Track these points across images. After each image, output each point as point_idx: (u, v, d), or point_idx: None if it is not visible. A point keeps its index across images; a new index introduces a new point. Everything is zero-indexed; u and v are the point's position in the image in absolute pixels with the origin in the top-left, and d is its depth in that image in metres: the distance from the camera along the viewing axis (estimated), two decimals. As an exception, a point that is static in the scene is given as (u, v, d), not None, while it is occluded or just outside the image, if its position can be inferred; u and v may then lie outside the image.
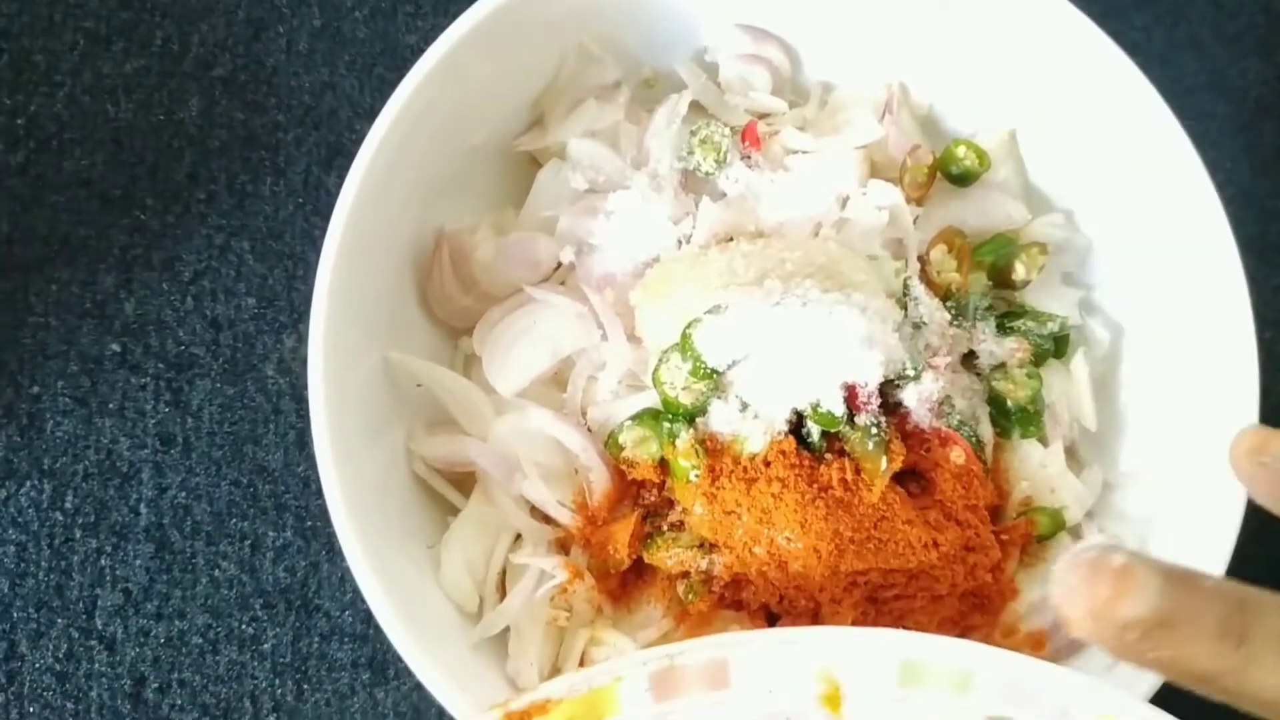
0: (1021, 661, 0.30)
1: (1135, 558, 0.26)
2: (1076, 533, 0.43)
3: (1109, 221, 0.45)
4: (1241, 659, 0.25)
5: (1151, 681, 0.35)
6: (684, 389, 0.38)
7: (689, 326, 0.38)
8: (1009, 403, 0.42)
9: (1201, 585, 0.26)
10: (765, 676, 0.31)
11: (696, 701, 0.30)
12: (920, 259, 0.43)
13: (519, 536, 0.41)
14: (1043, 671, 0.30)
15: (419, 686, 0.46)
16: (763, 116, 0.46)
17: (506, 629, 0.40)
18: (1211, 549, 0.38)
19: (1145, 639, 0.25)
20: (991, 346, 0.42)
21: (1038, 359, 0.43)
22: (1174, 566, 0.26)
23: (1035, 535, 0.41)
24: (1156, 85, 0.41)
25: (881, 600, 0.39)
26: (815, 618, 0.39)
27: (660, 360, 0.39)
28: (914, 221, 0.43)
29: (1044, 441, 0.43)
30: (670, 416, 0.39)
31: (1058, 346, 0.44)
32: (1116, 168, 0.43)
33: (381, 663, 0.46)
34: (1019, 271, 0.44)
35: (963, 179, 0.45)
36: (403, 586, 0.37)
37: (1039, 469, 0.42)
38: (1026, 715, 0.30)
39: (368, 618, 0.47)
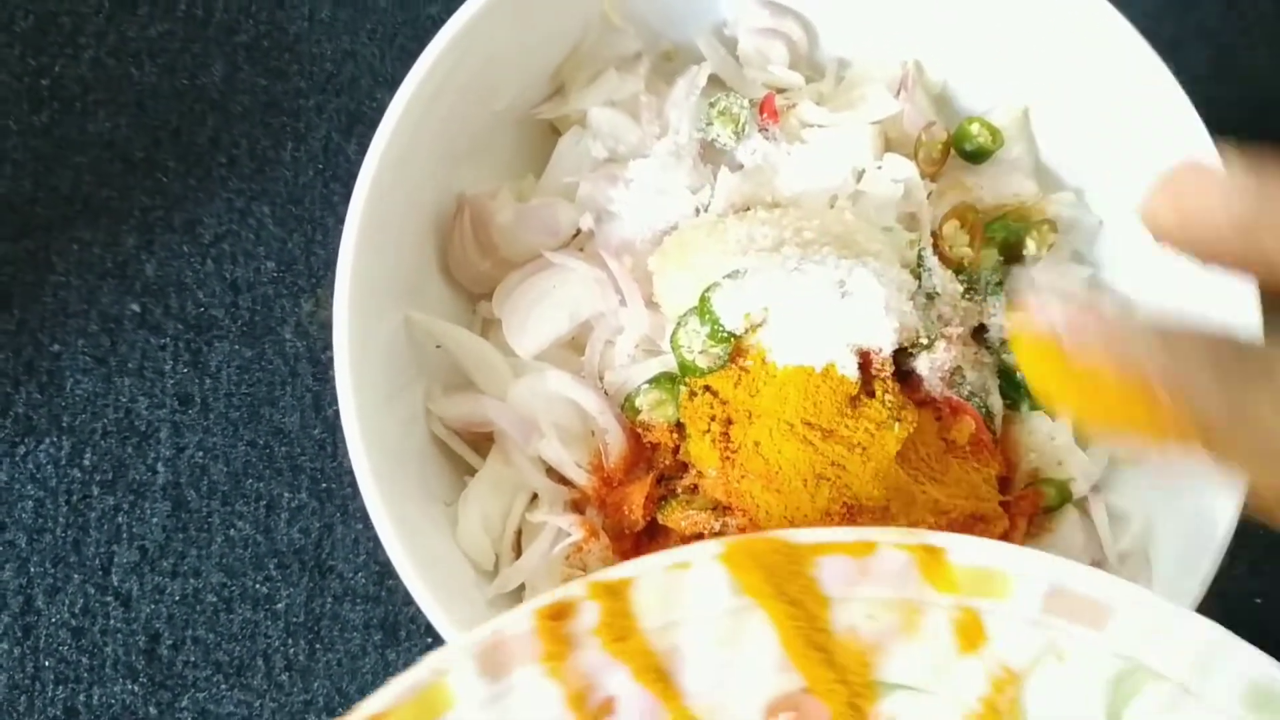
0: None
1: (1217, 169, 0.24)
2: (1082, 506, 0.43)
3: (1118, 201, 0.45)
4: None
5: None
6: (701, 352, 0.39)
7: (708, 290, 0.39)
8: (1019, 375, 0.42)
9: None
10: None
11: (530, 671, 0.30)
12: (933, 233, 0.44)
13: (535, 496, 0.41)
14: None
15: (430, 648, 0.47)
16: (780, 91, 0.46)
17: (521, 586, 0.40)
18: (1214, 523, 0.38)
19: (1230, 243, 0.24)
20: (1002, 320, 0.43)
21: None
22: (1257, 167, 0.24)
23: (1042, 506, 0.42)
24: (1165, 72, 0.41)
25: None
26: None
27: (678, 324, 0.39)
28: (927, 196, 0.44)
29: (1052, 415, 0.43)
30: (687, 380, 0.40)
31: (1067, 322, 0.45)
32: (1128, 148, 0.44)
33: (393, 624, 0.47)
34: (1030, 248, 0.44)
35: (976, 156, 0.45)
36: (422, 542, 0.38)
37: (1047, 441, 0.43)
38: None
39: (380, 579, 0.47)
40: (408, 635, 0.47)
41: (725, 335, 0.38)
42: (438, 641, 0.46)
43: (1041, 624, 0.31)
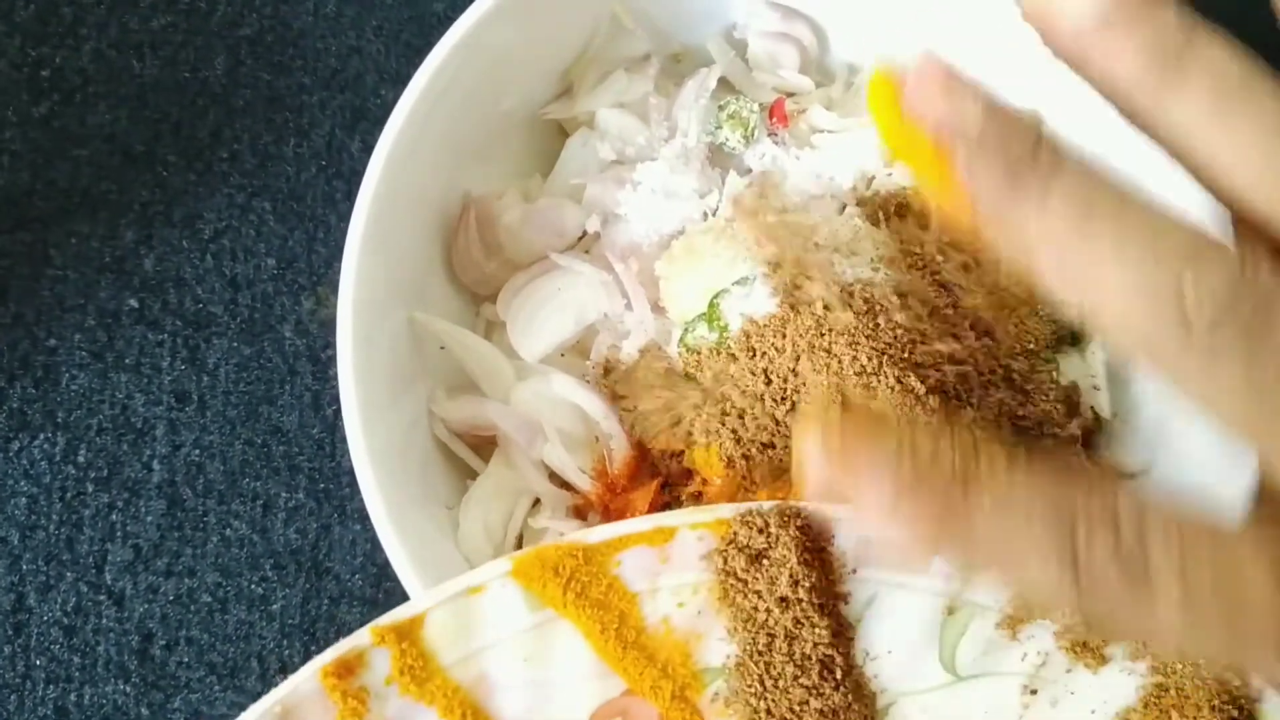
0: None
1: None
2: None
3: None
4: (1164, 85, 0.24)
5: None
6: (708, 359, 0.39)
7: (716, 296, 0.38)
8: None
9: (1152, 3, 0.24)
10: None
11: None
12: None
13: (537, 501, 0.41)
14: None
15: (427, 651, 0.46)
16: (789, 95, 0.46)
17: (523, 592, 0.40)
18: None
19: (1082, 41, 0.24)
20: (1011, 330, 0.43)
21: (1055, 346, 0.43)
22: None
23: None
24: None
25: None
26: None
27: (685, 329, 0.39)
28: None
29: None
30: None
31: (1074, 335, 0.45)
32: (1135, 158, 0.43)
33: (390, 627, 0.46)
34: (1039, 258, 0.44)
35: (986, 164, 0.45)
36: (423, 546, 0.37)
37: (1054, 450, 0.42)
38: None
39: (377, 581, 0.47)
40: (404, 638, 0.46)
41: (733, 342, 0.38)
42: (434, 645, 0.46)
43: (860, 577, 0.31)
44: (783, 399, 0.37)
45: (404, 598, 0.36)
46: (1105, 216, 0.22)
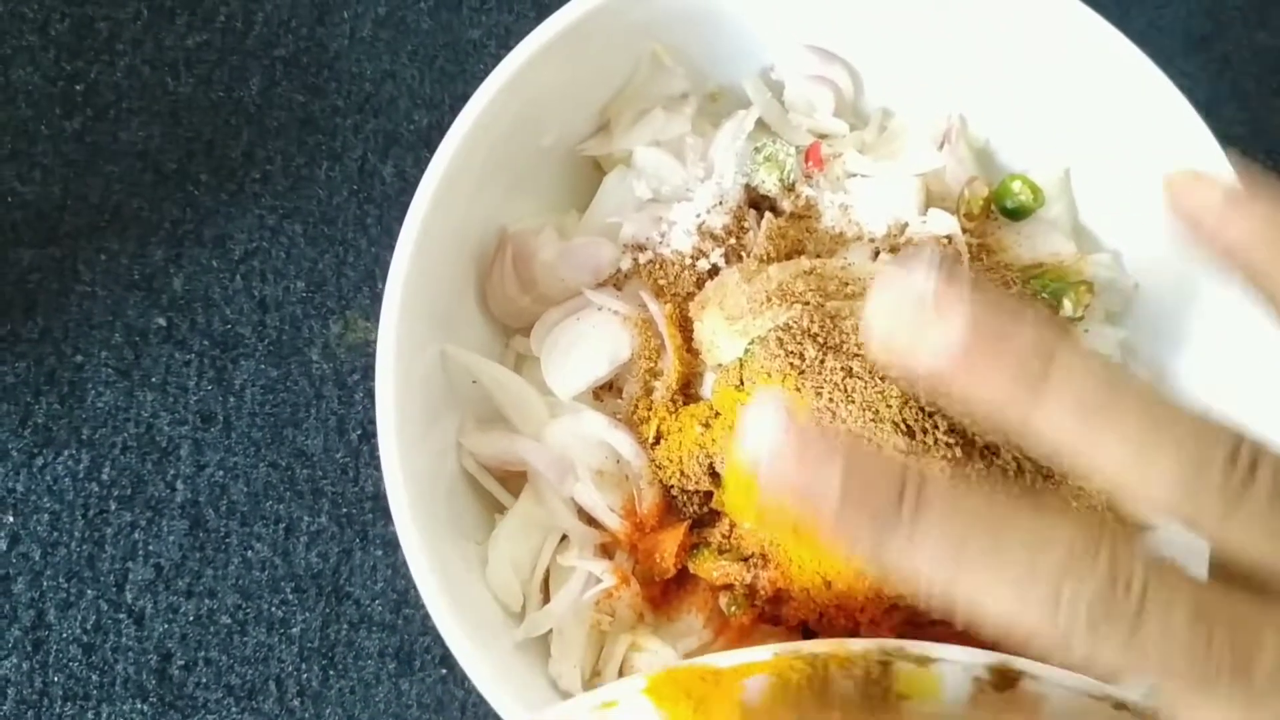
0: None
1: (948, 286, 0.23)
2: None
3: (1155, 264, 0.46)
4: (1030, 404, 0.23)
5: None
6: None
7: (752, 343, 0.38)
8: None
9: (1010, 327, 0.24)
10: None
11: None
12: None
13: (564, 538, 0.41)
14: None
15: (444, 679, 0.46)
16: (822, 136, 0.46)
17: (548, 631, 0.40)
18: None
19: (940, 372, 0.24)
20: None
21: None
22: (986, 297, 0.24)
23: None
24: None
25: (919, 625, 0.40)
26: (853, 637, 0.40)
27: (719, 372, 0.39)
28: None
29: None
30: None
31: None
32: (1166, 210, 0.44)
33: (408, 653, 0.47)
34: (1067, 308, 0.44)
35: (1016, 214, 0.45)
36: (453, 579, 0.37)
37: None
38: None
39: (397, 607, 0.47)
40: (422, 665, 0.46)
41: (769, 389, 0.38)
42: (452, 671, 0.46)
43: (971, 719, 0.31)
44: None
45: (423, 624, 0.36)
46: (978, 547, 0.23)
